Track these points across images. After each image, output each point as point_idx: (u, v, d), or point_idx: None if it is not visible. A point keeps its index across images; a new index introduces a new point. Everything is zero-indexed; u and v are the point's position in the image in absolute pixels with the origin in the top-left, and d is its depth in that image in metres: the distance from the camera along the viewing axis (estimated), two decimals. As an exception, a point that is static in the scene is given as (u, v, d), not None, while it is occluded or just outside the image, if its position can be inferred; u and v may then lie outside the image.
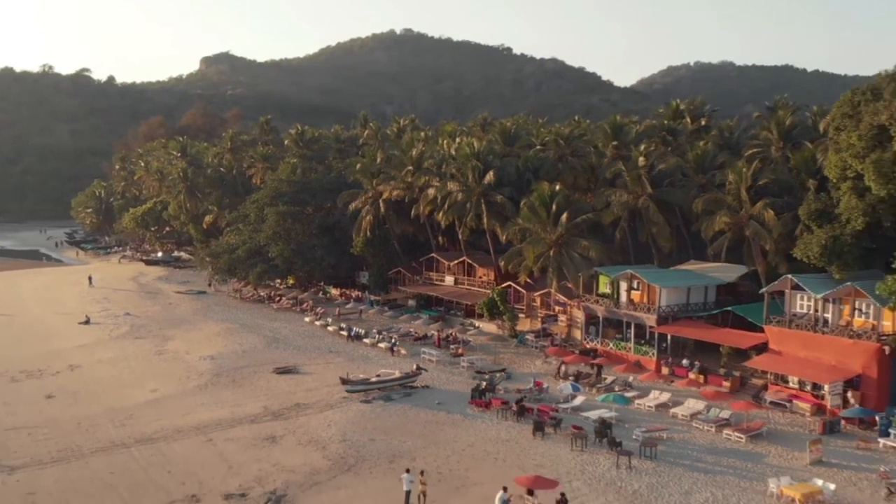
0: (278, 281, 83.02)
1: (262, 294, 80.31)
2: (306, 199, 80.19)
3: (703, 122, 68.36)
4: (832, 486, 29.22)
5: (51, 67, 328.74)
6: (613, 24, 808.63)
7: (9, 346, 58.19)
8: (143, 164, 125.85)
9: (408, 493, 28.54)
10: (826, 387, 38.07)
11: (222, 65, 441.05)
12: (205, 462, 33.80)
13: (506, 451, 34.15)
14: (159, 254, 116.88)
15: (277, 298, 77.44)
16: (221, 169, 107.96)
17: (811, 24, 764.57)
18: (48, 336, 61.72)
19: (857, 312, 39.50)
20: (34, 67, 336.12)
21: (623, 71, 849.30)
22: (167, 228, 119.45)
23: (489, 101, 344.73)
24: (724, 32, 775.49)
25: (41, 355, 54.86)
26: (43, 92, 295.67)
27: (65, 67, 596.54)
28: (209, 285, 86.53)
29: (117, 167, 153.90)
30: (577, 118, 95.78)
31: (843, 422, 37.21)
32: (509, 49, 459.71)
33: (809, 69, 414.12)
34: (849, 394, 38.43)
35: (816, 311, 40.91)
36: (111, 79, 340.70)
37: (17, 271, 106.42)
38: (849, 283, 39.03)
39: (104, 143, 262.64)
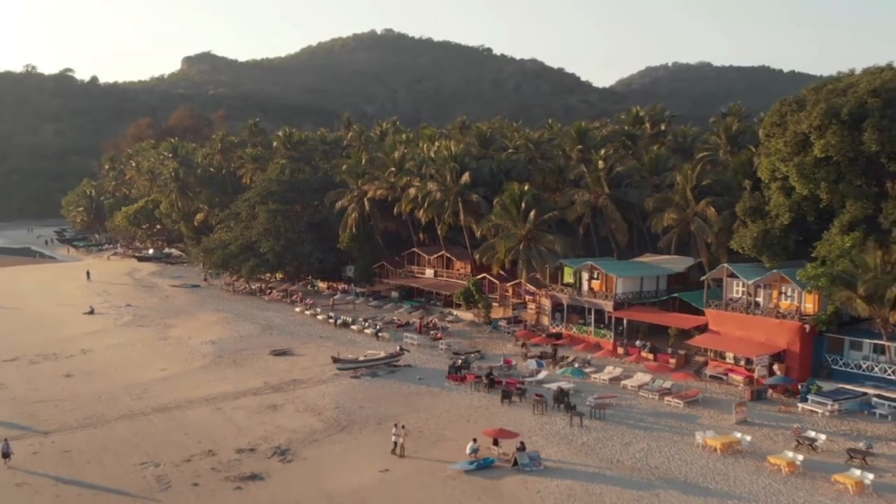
0: (268, 275, 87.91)
1: (253, 287, 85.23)
2: (295, 197, 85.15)
3: (662, 128, 74.30)
4: (749, 438, 34.77)
5: (34, 67, 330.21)
6: (593, 25, 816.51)
7: (22, 333, 62.69)
8: (133, 164, 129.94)
9: (395, 443, 33.95)
10: (754, 360, 43.89)
11: (204, 64, 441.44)
12: (216, 426, 38.85)
13: (477, 414, 39.43)
14: (150, 250, 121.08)
15: (269, 291, 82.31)
16: (211, 169, 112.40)
17: (787, 25, 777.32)
18: (57, 325, 66.26)
19: (783, 296, 45.37)
20: (17, 67, 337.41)
21: (602, 71, 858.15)
22: (158, 226, 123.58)
23: (469, 101, 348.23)
24: (703, 33, 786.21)
25: (53, 341, 59.52)
26: (27, 92, 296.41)
27: (46, 67, 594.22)
28: (204, 280, 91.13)
29: (106, 167, 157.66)
30: (549, 122, 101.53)
31: (770, 390, 42.99)
32: (489, 49, 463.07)
33: (786, 70, 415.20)
34: (775, 366, 44.28)
35: (749, 295, 46.69)
36: (94, 79, 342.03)
37: (14, 267, 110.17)
38: (775, 271, 44.87)
39: (88, 143, 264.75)
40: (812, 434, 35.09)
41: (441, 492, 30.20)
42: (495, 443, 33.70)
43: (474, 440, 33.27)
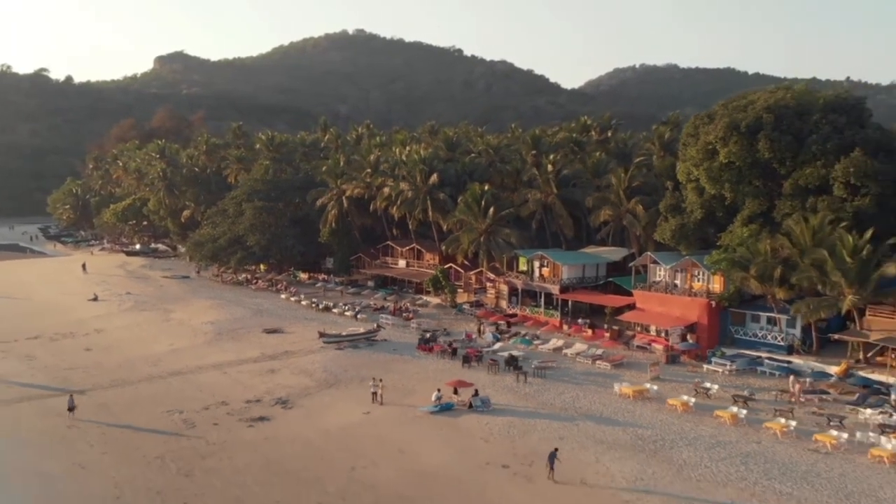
0: (253, 267, 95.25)
1: (240, 278, 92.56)
2: (278, 195, 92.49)
3: (609, 134, 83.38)
4: (656, 387, 43.45)
5: (9, 67, 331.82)
6: (563, 27, 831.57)
7: (37, 318, 69.27)
8: (121, 164, 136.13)
9: (373, 393, 42.12)
10: (668, 331, 52.83)
11: (176, 64, 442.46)
12: (225, 385, 46.48)
13: (442, 375, 47.45)
14: (137, 246, 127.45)
15: (255, 281, 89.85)
16: (196, 169, 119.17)
17: (753, 28, 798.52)
18: (66, 310, 72.95)
19: (695, 278, 54.38)
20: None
21: (571, 72, 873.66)
22: (144, 222, 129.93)
23: (440, 102, 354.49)
24: (670, 36, 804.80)
25: (67, 323, 66.41)
26: (3, 92, 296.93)
27: (20, 67, 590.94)
28: (197, 272, 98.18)
29: (91, 166, 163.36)
30: (513, 126, 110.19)
31: (683, 355, 51.89)
32: (460, 50, 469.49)
33: (751, 72, 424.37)
34: (688, 336, 53.26)
35: (668, 278, 55.74)
36: (69, 78, 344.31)
37: (9, 262, 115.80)
38: (688, 257, 53.88)
39: (65, 142, 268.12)
40: (708, 385, 44.01)
41: (411, 427, 38.34)
42: (455, 391, 41.95)
43: (438, 390, 41.46)
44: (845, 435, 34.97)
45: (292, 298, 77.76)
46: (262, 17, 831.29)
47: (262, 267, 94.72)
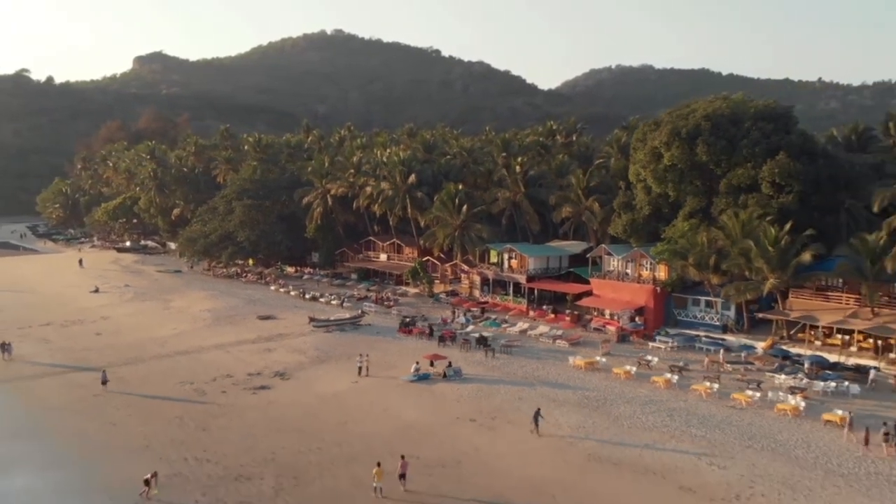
0: (242, 261, 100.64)
1: (230, 271, 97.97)
2: (266, 194, 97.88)
3: (574, 138, 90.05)
4: (605, 360, 50.01)
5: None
6: (540, 28, 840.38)
7: (44, 308, 74.16)
8: (111, 165, 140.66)
9: (359, 367, 48.19)
10: (619, 313, 59.48)
11: (155, 64, 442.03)
12: (228, 361, 52.11)
13: (420, 352, 53.14)
14: (128, 243, 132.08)
15: (245, 274, 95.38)
16: (184, 169, 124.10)
17: (728, 29, 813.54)
18: (71, 301, 77.90)
19: (643, 267, 61.11)
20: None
21: (548, 73, 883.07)
22: (135, 220, 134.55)
23: (418, 102, 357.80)
24: (646, 37, 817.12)
25: (74, 311, 71.52)
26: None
27: (1, 67, 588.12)
28: (191, 267, 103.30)
29: (79, 166, 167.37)
30: (487, 129, 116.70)
31: (632, 335, 58.47)
32: (438, 51, 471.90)
33: (724, 72, 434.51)
34: (637, 318, 59.92)
35: (620, 267, 62.40)
36: (50, 79, 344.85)
37: (6, 259, 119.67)
38: (637, 249, 60.57)
39: (47, 142, 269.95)
40: (650, 358, 50.64)
41: (393, 392, 44.37)
42: (431, 364, 48.07)
43: (417, 362, 47.59)
44: (758, 394, 41.70)
45: (281, 290, 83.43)
46: (240, 18, 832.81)
47: (250, 261, 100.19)
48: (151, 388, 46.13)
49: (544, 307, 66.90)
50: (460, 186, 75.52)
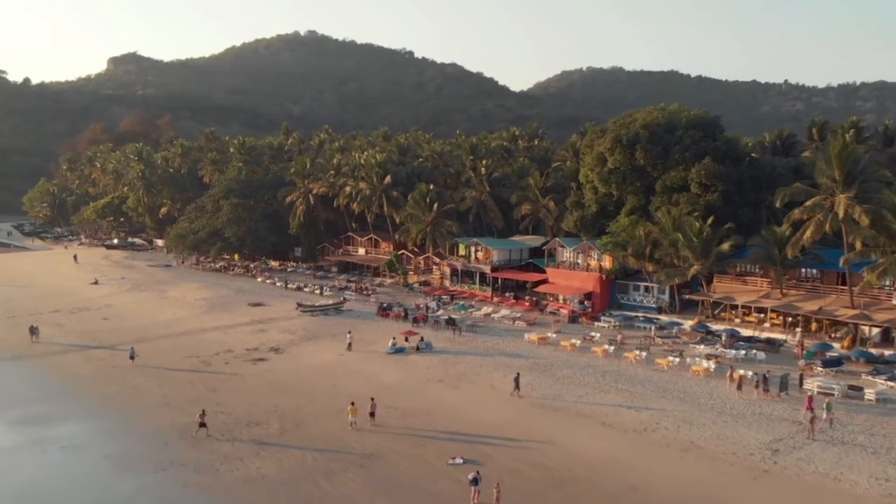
0: (227, 256, 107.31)
1: (217, 266, 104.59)
2: (251, 193, 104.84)
3: (535, 142, 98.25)
4: (555, 335, 58.03)
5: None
6: (512, 30, 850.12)
7: (49, 298, 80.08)
8: (98, 166, 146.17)
9: (349, 343, 55.60)
10: (570, 297, 67.62)
11: (130, 65, 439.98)
12: (227, 340, 59.06)
13: (397, 331, 60.89)
14: (115, 240, 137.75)
15: (232, 268, 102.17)
16: (170, 170, 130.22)
17: (697, 32, 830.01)
18: (73, 292, 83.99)
19: (590, 258, 69.32)
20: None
21: (520, 75, 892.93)
22: (122, 219, 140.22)
23: (392, 102, 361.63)
24: (617, 38, 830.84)
25: (79, 301, 77.76)
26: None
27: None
28: (182, 262, 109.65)
29: (65, 167, 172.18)
30: (457, 133, 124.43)
31: (581, 317, 66.54)
32: (411, 53, 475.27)
33: (693, 74, 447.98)
34: (585, 302, 68.08)
35: (572, 258, 70.56)
36: (27, 80, 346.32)
37: (1, 256, 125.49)
38: (586, 242, 68.74)
39: (25, 143, 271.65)
40: (594, 334, 58.74)
41: (374, 362, 51.69)
42: (406, 339, 55.65)
43: (394, 338, 55.16)
44: (678, 360, 49.91)
45: (268, 281, 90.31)
46: (212, 18, 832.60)
47: (236, 256, 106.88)
48: (162, 361, 52.79)
49: (507, 294, 74.80)
50: (431, 186, 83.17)
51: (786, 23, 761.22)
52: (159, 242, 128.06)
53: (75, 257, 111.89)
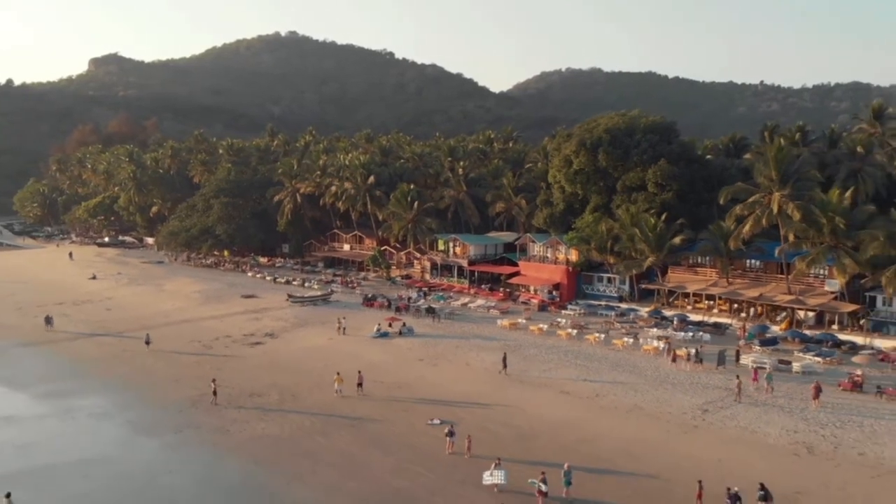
0: (217, 253, 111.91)
1: (208, 262, 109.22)
2: (241, 192, 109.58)
3: (510, 144, 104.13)
4: (525, 321, 63.69)
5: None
6: (492, 31, 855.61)
7: (52, 292, 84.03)
8: (89, 167, 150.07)
9: (342, 327, 60.62)
10: (539, 288, 73.38)
11: (111, 66, 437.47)
12: (224, 327, 63.86)
13: (380, 318, 66.64)
14: (106, 238, 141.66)
15: (223, 263, 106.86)
16: (160, 171, 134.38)
17: (674, 33, 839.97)
18: (74, 286, 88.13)
19: (558, 252, 75.11)
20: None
21: (500, 76, 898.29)
22: (112, 218, 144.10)
23: (373, 103, 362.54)
24: (596, 40, 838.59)
25: (80, 294, 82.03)
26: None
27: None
28: (174, 259, 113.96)
29: (54, 168, 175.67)
30: (437, 135, 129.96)
31: (550, 306, 72.29)
32: (391, 53, 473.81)
33: (671, 76, 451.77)
34: (554, 292, 73.87)
35: (541, 252, 76.31)
36: (10, 81, 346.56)
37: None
38: (554, 237, 74.51)
39: (11, 143, 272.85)
40: (560, 320, 64.47)
41: (361, 345, 56.73)
42: (390, 325, 60.97)
43: (378, 324, 60.51)
44: (632, 340, 55.76)
45: (258, 276, 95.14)
46: (192, 18, 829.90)
47: (226, 253, 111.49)
48: (167, 345, 57.46)
49: (482, 286, 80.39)
50: (412, 186, 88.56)
51: (763, 24, 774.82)
52: (149, 240, 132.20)
53: (70, 254, 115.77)
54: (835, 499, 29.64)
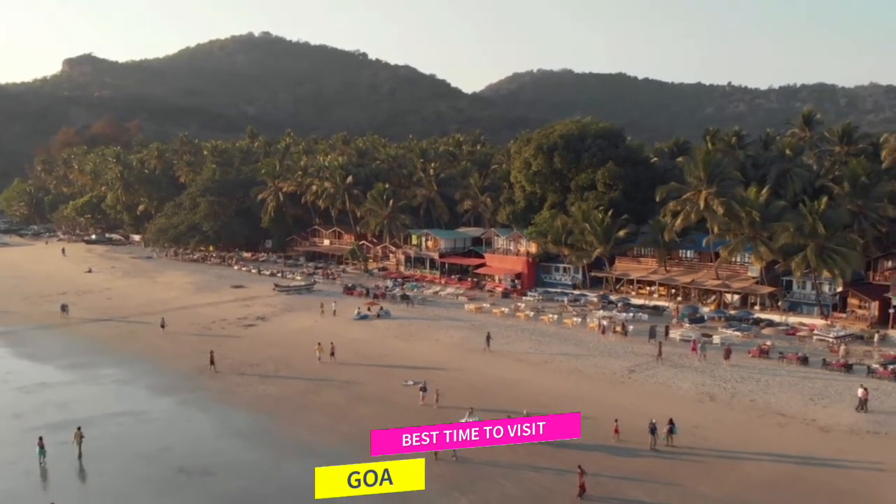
0: (203, 248, 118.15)
1: (195, 256, 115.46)
2: (225, 191, 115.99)
3: (478, 147, 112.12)
4: (489, 306, 71.39)
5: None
6: (465, 32, 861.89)
7: (52, 284, 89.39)
8: (75, 167, 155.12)
9: (334, 310, 67.79)
10: (503, 277, 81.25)
11: (85, 66, 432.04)
12: (219, 312, 70.44)
13: (360, 304, 73.98)
14: (93, 236, 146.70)
15: (210, 258, 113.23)
16: (146, 171, 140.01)
17: (643, 35, 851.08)
18: (72, 279, 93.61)
19: (520, 245, 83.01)
20: None
21: (472, 77, 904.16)
22: (99, 216, 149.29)
23: (347, 104, 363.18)
24: (566, 41, 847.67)
25: (80, 285, 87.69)
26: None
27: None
28: (165, 255, 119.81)
29: (39, 168, 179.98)
30: (410, 137, 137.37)
31: (512, 293, 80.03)
32: (365, 54, 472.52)
33: (640, 77, 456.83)
34: (516, 281, 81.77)
35: (505, 245, 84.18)
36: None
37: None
38: (516, 231, 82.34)
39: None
40: (521, 304, 72.32)
41: (344, 325, 63.57)
42: (369, 308, 68.41)
43: (358, 308, 67.94)
44: (579, 319, 63.74)
45: (244, 269, 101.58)
46: (166, 18, 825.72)
47: (211, 248, 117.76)
48: (170, 328, 63.98)
49: (452, 276, 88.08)
50: (387, 185, 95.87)
51: (732, 26, 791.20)
52: (136, 237, 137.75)
53: (63, 251, 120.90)
54: (724, 430, 37.44)
